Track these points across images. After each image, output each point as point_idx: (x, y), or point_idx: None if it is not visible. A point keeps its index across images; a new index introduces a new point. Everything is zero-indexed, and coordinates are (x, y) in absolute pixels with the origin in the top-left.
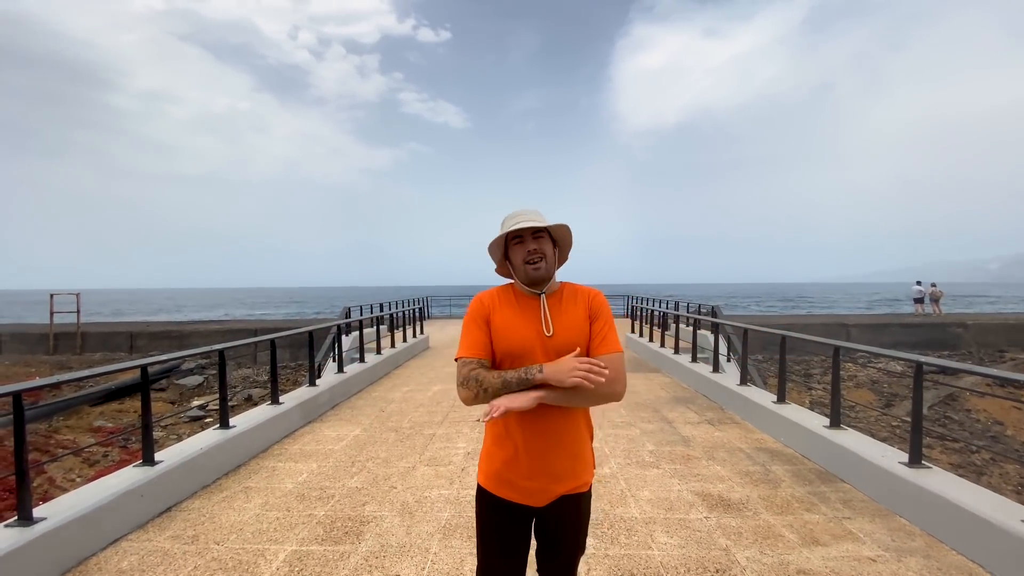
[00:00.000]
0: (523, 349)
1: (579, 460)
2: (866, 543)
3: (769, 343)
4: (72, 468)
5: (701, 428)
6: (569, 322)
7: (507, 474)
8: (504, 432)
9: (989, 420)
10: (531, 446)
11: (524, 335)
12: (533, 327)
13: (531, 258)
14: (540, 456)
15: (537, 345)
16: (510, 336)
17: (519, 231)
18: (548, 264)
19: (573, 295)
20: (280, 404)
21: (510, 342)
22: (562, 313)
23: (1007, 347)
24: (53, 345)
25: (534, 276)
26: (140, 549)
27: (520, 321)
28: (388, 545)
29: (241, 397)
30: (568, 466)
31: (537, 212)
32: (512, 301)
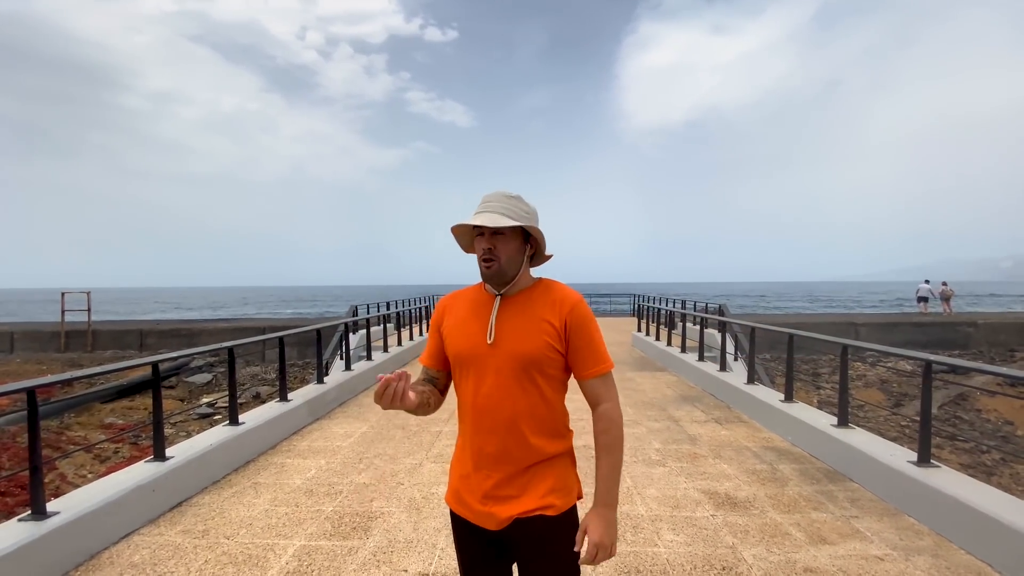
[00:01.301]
0: (464, 357)
1: (539, 480)
2: (874, 542)
3: (777, 342)
4: (83, 464)
5: (708, 427)
6: (521, 330)
7: (462, 490)
8: (460, 442)
9: (1000, 420)
10: (476, 461)
11: (465, 342)
12: (480, 333)
13: (485, 255)
14: (485, 471)
15: (480, 354)
16: (452, 342)
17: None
18: (505, 263)
19: (544, 298)
20: (289, 401)
21: (451, 348)
22: (516, 318)
23: (1018, 346)
24: (64, 343)
25: (487, 276)
26: (152, 543)
27: (467, 326)
28: (396, 540)
29: (249, 395)
30: (518, 487)
31: (506, 199)
32: (471, 302)
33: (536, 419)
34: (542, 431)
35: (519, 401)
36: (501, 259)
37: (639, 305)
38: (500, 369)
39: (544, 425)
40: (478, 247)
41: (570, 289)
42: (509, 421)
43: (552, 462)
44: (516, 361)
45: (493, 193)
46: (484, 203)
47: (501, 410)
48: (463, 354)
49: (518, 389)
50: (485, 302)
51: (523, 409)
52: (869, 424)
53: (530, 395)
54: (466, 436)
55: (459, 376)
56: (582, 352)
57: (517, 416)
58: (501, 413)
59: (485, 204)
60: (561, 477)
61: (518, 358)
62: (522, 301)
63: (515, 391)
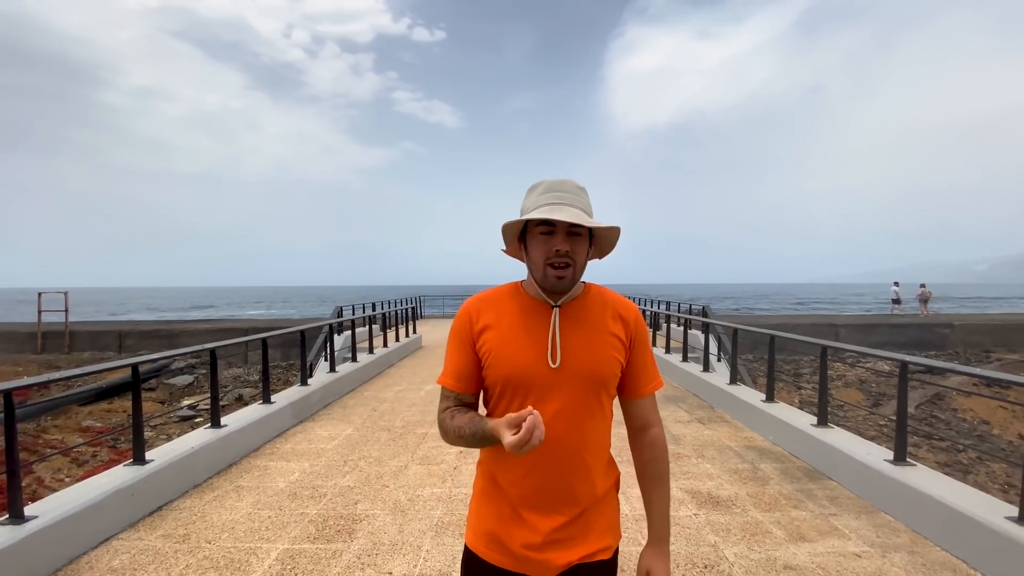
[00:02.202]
0: (519, 380)
1: (596, 518)
2: (852, 539)
3: (759, 343)
4: (61, 468)
5: (691, 427)
6: (590, 347)
7: (500, 535)
8: (493, 485)
9: (975, 419)
10: (529, 502)
11: (521, 361)
12: (536, 350)
13: (557, 261)
14: (539, 513)
15: (539, 374)
16: (501, 361)
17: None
18: (577, 272)
19: (601, 307)
20: (272, 403)
21: (500, 368)
22: (580, 332)
23: (993, 347)
24: (41, 344)
25: (555, 285)
26: (131, 548)
27: (520, 341)
28: (380, 543)
29: (231, 397)
30: (580, 527)
31: (582, 192)
32: (514, 310)
33: (599, 448)
34: (602, 462)
35: (587, 430)
36: (577, 265)
37: None
38: (569, 394)
39: (604, 454)
40: (541, 248)
41: (624, 297)
42: (575, 454)
43: (607, 497)
44: (588, 384)
45: (562, 181)
46: (555, 192)
47: (568, 442)
48: (518, 376)
49: (587, 416)
50: (537, 312)
51: (590, 439)
52: (848, 424)
53: (597, 422)
54: (512, 473)
55: (504, 400)
56: (641, 368)
57: (584, 448)
58: (568, 446)
59: (559, 195)
60: (614, 513)
61: (590, 380)
62: (580, 311)
63: (584, 419)
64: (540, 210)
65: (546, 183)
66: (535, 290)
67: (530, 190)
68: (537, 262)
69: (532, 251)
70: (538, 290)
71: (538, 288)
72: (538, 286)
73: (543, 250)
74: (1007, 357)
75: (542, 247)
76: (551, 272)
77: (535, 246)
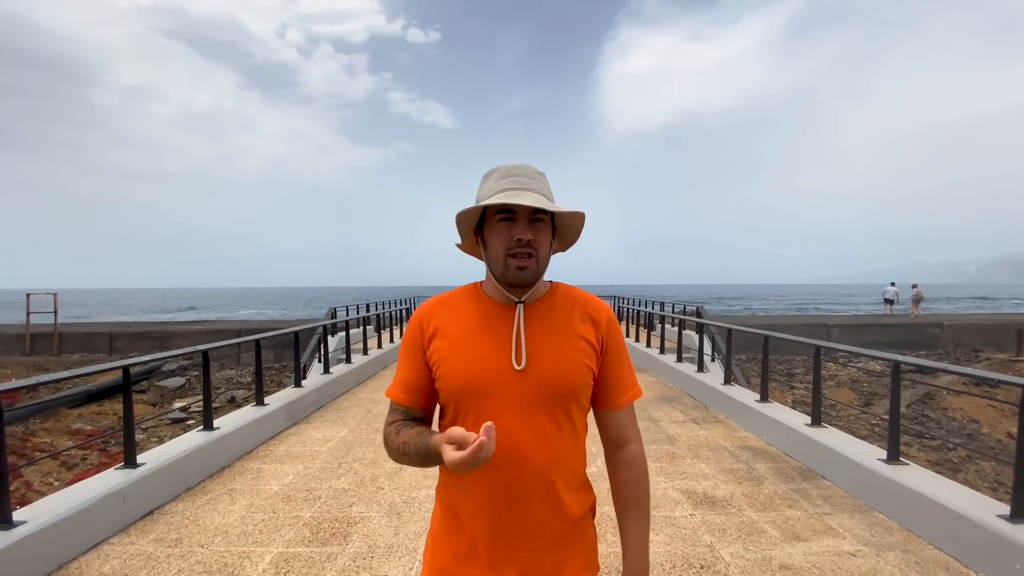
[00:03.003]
0: (475, 389)
1: (570, 553)
2: (846, 538)
3: (752, 343)
4: (50, 472)
5: (686, 427)
6: (555, 352)
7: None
8: (451, 517)
9: (965, 418)
10: (491, 536)
11: (481, 367)
12: (498, 354)
13: (519, 250)
14: (503, 551)
15: (497, 383)
16: (456, 368)
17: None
18: (541, 263)
19: (569, 307)
20: (265, 405)
21: (455, 377)
22: (545, 336)
23: (982, 347)
24: (30, 346)
25: (518, 277)
26: (123, 552)
27: (477, 346)
28: (376, 546)
29: (224, 399)
30: (550, 565)
31: (542, 177)
32: (471, 313)
33: (569, 468)
34: (574, 483)
35: (554, 446)
36: (540, 255)
37: (618, 307)
38: (534, 405)
39: (576, 475)
40: (502, 237)
41: (594, 296)
42: (542, 475)
43: (581, 526)
44: (555, 393)
45: (521, 165)
46: (514, 177)
47: (532, 461)
48: (474, 384)
49: (553, 429)
50: (498, 313)
51: (559, 458)
52: (840, 423)
53: (566, 436)
54: (471, 501)
55: (460, 415)
56: (617, 376)
57: (551, 467)
58: (532, 465)
59: (519, 179)
60: (591, 545)
61: (558, 389)
62: (545, 312)
63: (551, 434)
64: (499, 196)
65: (503, 168)
66: (495, 289)
67: (486, 176)
68: (497, 253)
69: (491, 242)
70: (498, 288)
71: (498, 285)
72: (498, 282)
73: (503, 239)
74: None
75: (502, 236)
76: (513, 263)
77: (494, 236)
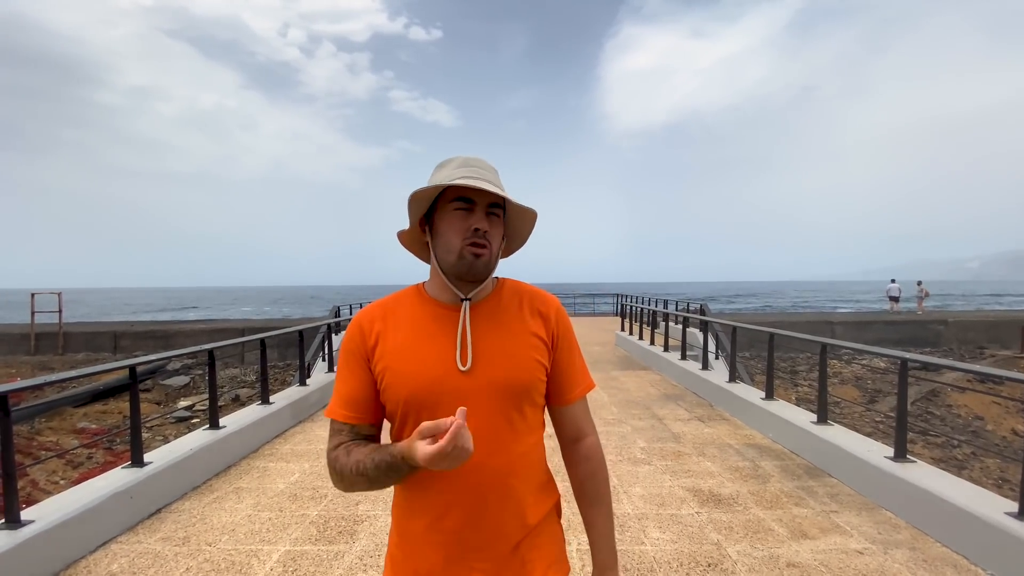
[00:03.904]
0: (423, 395)
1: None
2: (853, 536)
3: (756, 341)
4: (56, 471)
5: (691, 425)
6: (504, 350)
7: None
8: (406, 539)
9: (970, 415)
10: (451, 550)
11: (426, 372)
12: (445, 357)
13: (476, 240)
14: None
15: (446, 387)
16: (401, 375)
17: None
18: (493, 256)
19: (516, 303)
20: (270, 404)
21: (401, 384)
22: (494, 334)
23: (987, 343)
24: (35, 345)
25: (473, 268)
26: (130, 551)
27: (423, 350)
28: (382, 544)
29: (229, 397)
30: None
31: (497, 174)
32: (414, 315)
33: (528, 469)
34: (535, 484)
35: (512, 449)
36: (493, 248)
37: (622, 305)
38: (486, 407)
39: (535, 476)
40: (457, 226)
41: (541, 289)
42: (499, 480)
43: (544, 526)
44: (507, 393)
45: (477, 158)
46: (472, 168)
47: (490, 467)
48: (423, 392)
49: (509, 432)
50: (440, 313)
51: (516, 460)
52: (845, 420)
53: (523, 438)
54: (425, 517)
55: (404, 426)
56: (568, 370)
57: (510, 471)
58: (490, 471)
59: (476, 170)
60: (556, 544)
61: (509, 389)
62: (493, 309)
63: (506, 436)
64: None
65: (460, 158)
66: (442, 287)
67: (440, 166)
68: (451, 242)
69: (444, 230)
70: (446, 285)
71: (446, 282)
72: (447, 275)
73: (460, 228)
74: (1000, 353)
75: (459, 224)
76: (469, 251)
77: (449, 223)
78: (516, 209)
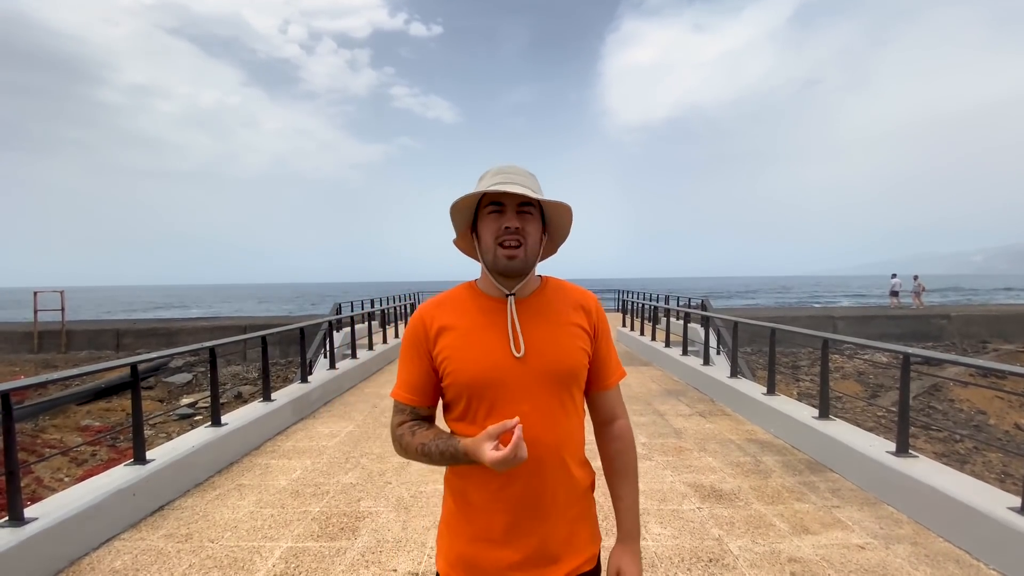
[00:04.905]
0: (485, 380)
1: (581, 527)
2: (855, 531)
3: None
4: (60, 468)
5: (692, 420)
6: (553, 337)
7: (476, 559)
8: (464, 505)
9: (972, 409)
10: (508, 517)
11: (485, 359)
12: (499, 347)
13: (507, 239)
14: (521, 529)
15: (505, 372)
16: (463, 364)
17: (500, 195)
18: (529, 253)
19: (561, 298)
20: (272, 401)
21: (464, 372)
22: (543, 326)
23: (990, 338)
24: (38, 344)
25: (507, 267)
26: (134, 548)
27: (481, 341)
28: (384, 540)
29: (231, 395)
30: (565, 539)
31: (532, 177)
32: (471, 309)
33: (576, 446)
34: (580, 460)
35: (562, 428)
36: (528, 245)
37: (624, 300)
38: (539, 391)
39: (580, 453)
40: (491, 229)
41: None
42: (554, 452)
43: (587, 498)
44: (555, 376)
45: (510, 165)
46: (505, 174)
47: (546, 441)
48: (483, 379)
49: (560, 413)
50: (492, 307)
51: (566, 436)
52: (847, 415)
53: (571, 418)
54: (486, 488)
55: (470, 409)
56: (606, 358)
57: (562, 445)
58: (545, 446)
59: (508, 175)
60: (594, 518)
61: (559, 374)
62: (539, 303)
63: (557, 414)
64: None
65: (495, 168)
66: (490, 284)
67: (480, 178)
68: (488, 244)
69: (483, 234)
70: (492, 282)
71: (491, 278)
72: (490, 273)
73: (493, 229)
74: (1003, 347)
75: (492, 226)
76: (502, 252)
77: (485, 227)
78: (549, 205)
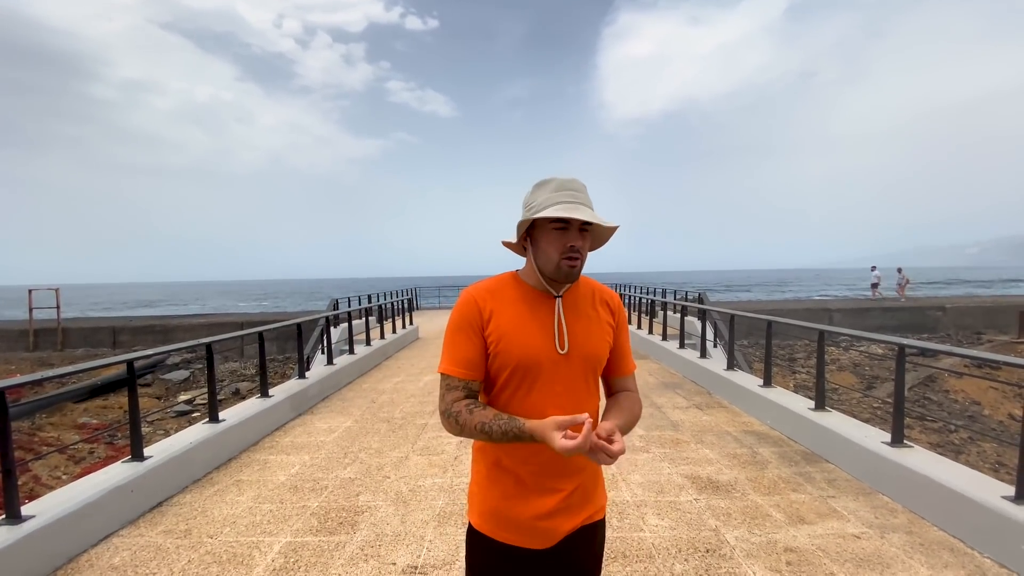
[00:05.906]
0: (530, 363)
1: (595, 483)
2: (850, 521)
3: (754, 328)
4: (57, 466)
5: (689, 412)
6: (588, 333)
7: (507, 511)
8: (497, 468)
9: (967, 400)
10: (538, 477)
11: (533, 347)
12: (543, 337)
13: (571, 255)
14: (548, 485)
15: (547, 359)
16: (515, 348)
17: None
18: (582, 264)
19: (589, 295)
20: (270, 397)
21: (517, 354)
22: (579, 320)
23: (984, 329)
24: (33, 342)
25: (569, 275)
26: (132, 544)
27: (528, 327)
28: (383, 534)
29: (228, 391)
30: (582, 492)
31: (586, 190)
32: (516, 298)
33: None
34: None
35: (588, 403)
36: (583, 258)
37: (620, 294)
38: (572, 375)
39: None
40: (556, 243)
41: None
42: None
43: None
44: (588, 365)
45: (571, 179)
46: (568, 191)
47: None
48: (530, 362)
49: (586, 393)
50: (539, 301)
51: (591, 412)
52: (843, 406)
53: (594, 398)
54: (520, 452)
55: (512, 386)
56: (625, 349)
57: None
58: None
59: (572, 194)
60: (602, 476)
61: (590, 362)
62: (575, 299)
63: (584, 395)
64: (558, 207)
65: (557, 181)
66: (535, 279)
67: (539, 186)
68: (550, 255)
69: (544, 244)
70: (539, 280)
71: (540, 278)
72: (545, 277)
73: (558, 245)
74: (998, 339)
75: (557, 242)
76: (565, 263)
77: (548, 240)
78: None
